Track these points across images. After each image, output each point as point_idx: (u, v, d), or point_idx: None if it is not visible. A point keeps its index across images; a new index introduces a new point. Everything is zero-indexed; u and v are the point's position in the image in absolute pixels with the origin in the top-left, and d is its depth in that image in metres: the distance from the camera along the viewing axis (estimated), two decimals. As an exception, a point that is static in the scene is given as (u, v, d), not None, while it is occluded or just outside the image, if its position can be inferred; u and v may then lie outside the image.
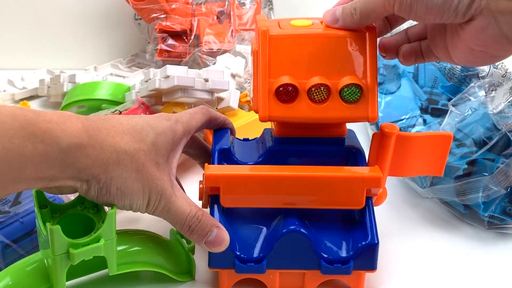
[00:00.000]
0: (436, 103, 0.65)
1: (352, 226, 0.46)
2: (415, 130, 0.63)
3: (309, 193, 0.44)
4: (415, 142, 0.47)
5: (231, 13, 0.83)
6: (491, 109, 0.53)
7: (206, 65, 0.77)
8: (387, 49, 0.45)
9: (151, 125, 0.43)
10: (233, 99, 0.67)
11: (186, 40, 0.80)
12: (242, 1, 0.85)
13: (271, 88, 0.42)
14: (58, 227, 0.38)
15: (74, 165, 0.38)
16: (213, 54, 0.79)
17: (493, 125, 0.54)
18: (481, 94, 0.55)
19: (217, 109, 0.67)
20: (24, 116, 0.36)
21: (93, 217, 0.42)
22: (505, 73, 0.55)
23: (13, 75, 0.85)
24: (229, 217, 0.46)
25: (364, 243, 0.44)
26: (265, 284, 0.46)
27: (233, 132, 0.51)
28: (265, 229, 0.46)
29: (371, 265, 0.45)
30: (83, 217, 0.43)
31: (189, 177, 0.61)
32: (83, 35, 0.92)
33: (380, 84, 0.70)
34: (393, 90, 0.69)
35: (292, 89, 0.42)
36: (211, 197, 0.46)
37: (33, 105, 0.81)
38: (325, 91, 0.43)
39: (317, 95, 0.43)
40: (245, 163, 0.47)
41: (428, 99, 0.66)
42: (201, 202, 0.49)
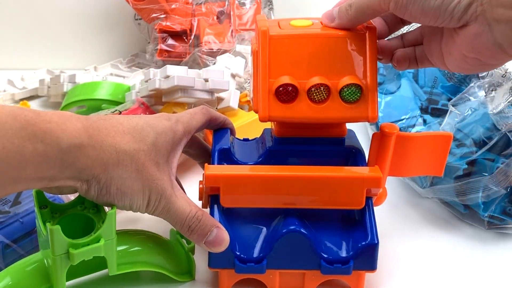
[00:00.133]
0: (436, 103, 0.65)
1: (352, 226, 0.46)
2: (415, 130, 0.63)
3: (309, 193, 0.44)
4: (415, 142, 0.47)
5: (231, 13, 0.83)
6: (491, 109, 0.53)
7: (206, 65, 0.77)
8: (384, 53, 0.45)
9: (151, 125, 0.43)
10: (233, 99, 0.67)
11: (186, 40, 0.80)
12: (242, 1, 0.85)
13: (271, 88, 0.42)
14: (58, 227, 0.38)
15: (74, 165, 0.38)
16: (213, 54, 0.79)
17: (493, 125, 0.54)
18: (481, 94, 0.55)
19: (217, 109, 0.67)
20: (24, 116, 0.36)
21: (93, 217, 0.42)
22: (505, 73, 0.55)
23: (13, 75, 0.85)
24: (229, 217, 0.46)
25: (364, 243, 0.44)
26: (265, 284, 0.46)
27: (233, 132, 0.51)
28: (265, 229, 0.46)
29: (371, 265, 0.45)
30: (83, 217, 0.43)
31: (189, 177, 0.61)
32: (83, 35, 0.92)
33: (380, 84, 0.70)
34: (393, 90, 0.69)
35: (292, 89, 0.42)
36: (211, 197, 0.46)
37: (33, 105, 0.81)
38: (325, 91, 0.43)
39: (317, 95, 0.43)
40: (245, 163, 0.47)
41: (428, 99, 0.66)
42: (201, 202, 0.49)
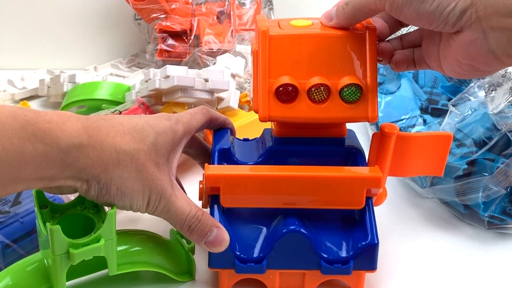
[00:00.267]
0: (436, 103, 0.65)
1: (352, 226, 0.46)
2: (415, 130, 0.63)
3: (309, 193, 0.44)
4: (415, 142, 0.47)
5: (231, 13, 0.83)
6: (491, 109, 0.53)
7: (206, 65, 0.77)
8: (383, 54, 0.45)
9: (151, 125, 0.43)
10: (233, 99, 0.67)
11: (186, 40, 0.80)
12: (242, 1, 0.85)
13: (271, 88, 0.42)
14: (58, 227, 0.38)
15: (74, 165, 0.38)
16: (213, 54, 0.79)
17: (493, 125, 0.54)
18: (481, 94, 0.55)
19: (217, 109, 0.67)
20: (24, 116, 0.36)
21: (93, 217, 0.42)
22: (505, 73, 0.55)
23: (13, 75, 0.85)
24: (229, 217, 0.46)
25: (364, 243, 0.44)
26: (265, 284, 0.46)
27: (233, 132, 0.51)
28: (265, 229, 0.46)
29: (371, 265, 0.45)
30: (83, 217, 0.43)
31: (189, 177, 0.61)
32: (83, 35, 0.92)
33: (380, 84, 0.70)
34: (393, 90, 0.69)
35: (292, 89, 0.42)
36: (211, 197, 0.46)
37: (33, 105, 0.81)
38: (325, 91, 0.43)
39: (317, 95, 0.43)
40: (245, 163, 0.47)
41: (428, 99, 0.66)
42: (201, 202, 0.49)
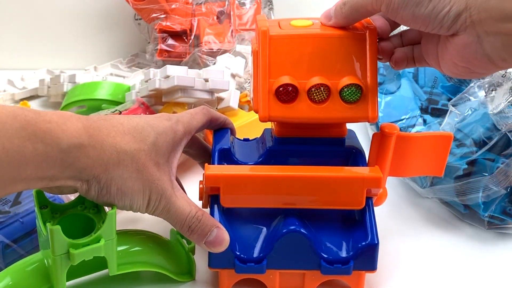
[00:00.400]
0: (436, 103, 0.65)
1: (352, 226, 0.46)
2: (415, 130, 0.63)
3: (309, 193, 0.44)
4: (415, 142, 0.47)
5: (231, 13, 0.83)
6: (491, 109, 0.53)
7: (206, 65, 0.77)
8: (383, 52, 0.45)
9: (151, 125, 0.43)
10: (233, 99, 0.67)
11: (186, 40, 0.80)
12: (242, 1, 0.85)
13: (271, 88, 0.42)
14: (58, 227, 0.38)
15: (74, 165, 0.38)
16: (213, 54, 0.79)
17: (493, 125, 0.54)
18: (481, 94, 0.55)
19: (217, 109, 0.67)
20: (24, 116, 0.36)
21: (93, 217, 0.42)
22: (505, 73, 0.55)
23: (13, 75, 0.85)
24: (229, 217, 0.46)
25: (364, 243, 0.44)
26: (265, 284, 0.46)
27: (233, 132, 0.51)
28: (265, 229, 0.46)
29: (371, 266, 0.45)
30: (84, 217, 0.43)
31: (189, 177, 0.61)
32: (83, 35, 0.92)
33: (380, 84, 0.70)
34: (393, 90, 0.69)
35: (292, 89, 0.42)
36: (211, 197, 0.46)
37: (33, 105, 0.81)
38: (325, 91, 0.43)
39: (317, 95, 0.43)
40: (245, 163, 0.47)
41: (428, 99, 0.66)
42: (201, 202, 0.49)
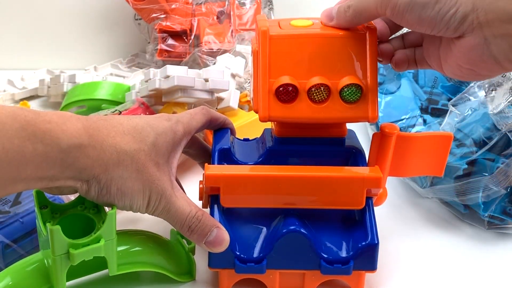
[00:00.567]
0: (436, 103, 0.65)
1: (352, 226, 0.46)
2: (415, 130, 0.63)
3: (309, 193, 0.44)
4: (415, 142, 0.47)
5: (231, 13, 0.83)
6: (491, 109, 0.53)
7: (206, 65, 0.77)
8: (384, 54, 0.45)
9: (151, 125, 0.43)
10: (233, 99, 0.67)
11: (186, 40, 0.80)
12: (242, 1, 0.85)
13: (271, 88, 0.42)
14: (58, 227, 0.38)
15: (74, 165, 0.38)
16: (213, 54, 0.79)
17: (493, 125, 0.54)
18: (481, 94, 0.55)
19: (217, 109, 0.67)
20: (24, 116, 0.36)
21: (93, 217, 0.42)
22: (505, 73, 0.55)
23: (13, 75, 0.85)
24: (229, 217, 0.46)
25: (364, 243, 0.44)
26: (265, 284, 0.46)
27: (233, 132, 0.51)
28: (265, 229, 0.46)
29: (371, 265, 0.45)
30: (84, 217, 0.43)
31: (189, 177, 0.61)
32: (83, 35, 0.92)
33: (380, 84, 0.70)
34: (393, 90, 0.69)
35: (292, 89, 0.42)
36: (211, 197, 0.46)
37: (33, 105, 0.81)
38: (325, 91, 0.43)
39: (317, 95, 0.43)
40: (245, 163, 0.47)
41: (428, 99, 0.66)
42: (201, 202, 0.49)
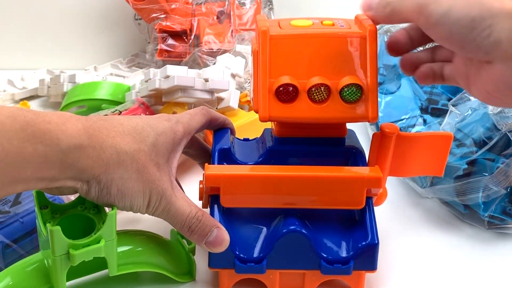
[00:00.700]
0: (436, 103, 0.65)
1: (352, 226, 0.46)
2: (415, 130, 0.63)
3: (309, 193, 0.44)
4: (415, 142, 0.47)
5: (231, 13, 0.83)
6: (491, 109, 0.53)
7: (206, 65, 0.77)
8: (406, 65, 0.44)
9: (151, 125, 0.43)
10: (233, 99, 0.67)
11: (186, 40, 0.80)
12: (242, 1, 0.85)
13: (271, 88, 0.42)
14: (58, 228, 0.38)
15: (74, 166, 0.38)
16: (213, 54, 0.79)
17: (493, 125, 0.54)
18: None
19: (217, 109, 0.67)
20: (24, 117, 0.36)
21: (93, 217, 0.42)
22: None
23: (13, 75, 0.85)
24: (229, 217, 0.46)
25: (364, 243, 0.44)
26: (265, 284, 0.46)
27: (233, 132, 0.51)
28: (265, 229, 0.46)
29: (371, 265, 0.45)
30: (84, 217, 0.43)
31: (189, 177, 0.61)
32: (83, 35, 0.92)
33: (380, 84, 0.70)
34: (393, 90, 0.69)
35: (292, 89, 0.42)
36: (211, 197, 0.46)
37: (33, 105, 0.81)
38: (325, 91, 0.43)
39: (317, 95, 0.43)
40: (245, 163, 0.47)
41: (428, 99, 0.66)
42: (201, 202, 0.49)
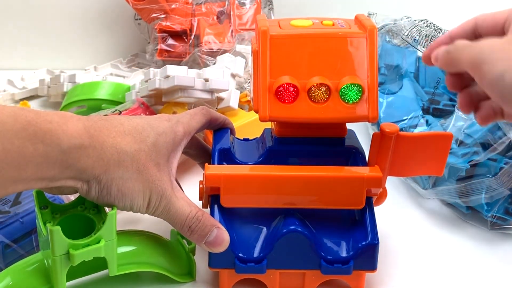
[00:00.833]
0: (437, 103, 0.65)
1: (352, 226, 0.46)
2: (418, 130, 0.63)
3: (309, 193, 0.44)
4: (415, 142, 0.47)
5: (231, 13, 0.83)
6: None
7: (206, 65, 0.77)
8: (463, 104, 0.42)
9: (152, 125, 0.43)
10: (233, 99, 0.67)
11: (186, 40, 0.80)
12: (242, 1, 0.85)
13: (271, 88, 0.42)
14: (58, 228, 0.38)
15: (74, 166, 0.38)
16: (213, 54, 0.79)
17: (498, 127, 0.54)
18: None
19: (217, 109, 0.67)
20: (25, 116, 0.36)
21: (93, 217, 0.42)
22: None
23: (13, 75, 0.85)
24: (229, 217, 0.46)
25: (364, 243, 0.44)
26: (265, 284, 0.46)
27: (233, 132, 0.51)
28: (265, 229, 0.46)
29: (371, 265, 0.45)
30: (84, 217, 0.43)
31: (189, 177, 0.61)
32: (83, 35, 0.92)
33: (381, 84, 0.70)
34: (394, 90, 0.69)
35: (292, 89, 0.42)
36: (211, 197, 0.46)
37: (33, 105, 0.81)
38: (325, 91, 0.43)
39: (317, 95, 0.43)
40: (245, 163, 0.47)
41: (429, 99, 0.66)
42: (201, 202, 0.49)
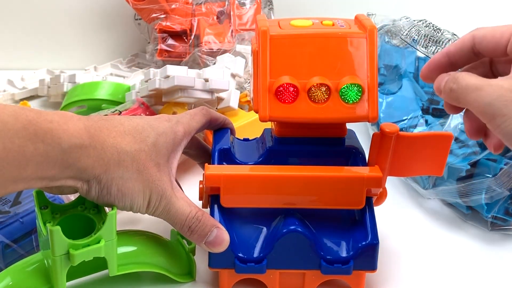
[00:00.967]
0: (437, 103, 0.65)
1: (352, 226, 0.46)
2: (417, 130, 0.63)
3: (309, 193, 0.44)
4: (415, 142, 0.47)
5: (231, 13, 0.83)
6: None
7: (206, 65, 0.77)
8: (472, 133, 0.42)
9: (152, 125, 0.43)
10: (233, 99, 0.67)
11: (186, 40, 0.80)
12: (242, 1, 0.85)
13: (271, 88, 0.42)
14: (58, 228, 0.38)
15: (75, 165, 0.38)
16: (213, 54, 0.79)
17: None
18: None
19: (217, 109, 0.67)
20: (26, 116, 0.36)
21: (93, 217, 0.42)
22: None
23: (13, 75, 0.85)
24: (229, 217, 0.46)
25: (364, 243, 0.44)
26: (265, 284, 0.46)
27: (233, 132, 0.51)
28: (265, 229, 0.46)
29: (371, 265, 0.45)
30: (84, 217, 0.43)
31: (189, 177, 0.61)
32: (83, 35, 0.92)
33: (381, 84, 0.70)
34: (394, 90, 0.69)
35: (292, 89, 0.42)
36: (211, 197, 0.46)
37: (33, 105, 0.81)
38: (325, 91, 0.43)
39: (317, 95, 0.43)
40: (245, 163, 0.47)
41: (429, 99, 0.66)
42: (201, 202, 0.49)
